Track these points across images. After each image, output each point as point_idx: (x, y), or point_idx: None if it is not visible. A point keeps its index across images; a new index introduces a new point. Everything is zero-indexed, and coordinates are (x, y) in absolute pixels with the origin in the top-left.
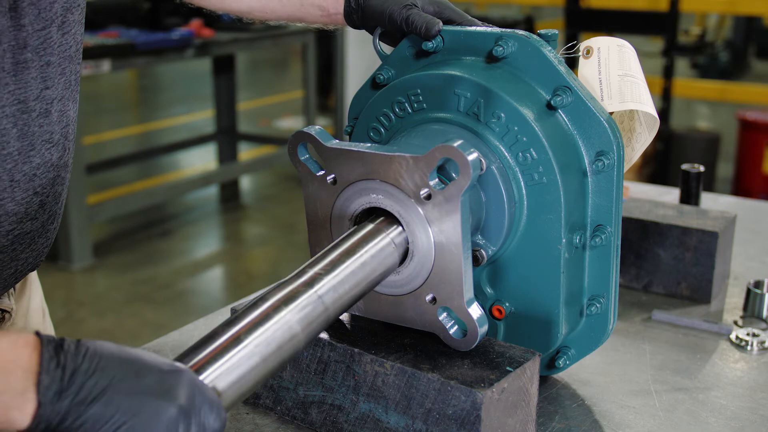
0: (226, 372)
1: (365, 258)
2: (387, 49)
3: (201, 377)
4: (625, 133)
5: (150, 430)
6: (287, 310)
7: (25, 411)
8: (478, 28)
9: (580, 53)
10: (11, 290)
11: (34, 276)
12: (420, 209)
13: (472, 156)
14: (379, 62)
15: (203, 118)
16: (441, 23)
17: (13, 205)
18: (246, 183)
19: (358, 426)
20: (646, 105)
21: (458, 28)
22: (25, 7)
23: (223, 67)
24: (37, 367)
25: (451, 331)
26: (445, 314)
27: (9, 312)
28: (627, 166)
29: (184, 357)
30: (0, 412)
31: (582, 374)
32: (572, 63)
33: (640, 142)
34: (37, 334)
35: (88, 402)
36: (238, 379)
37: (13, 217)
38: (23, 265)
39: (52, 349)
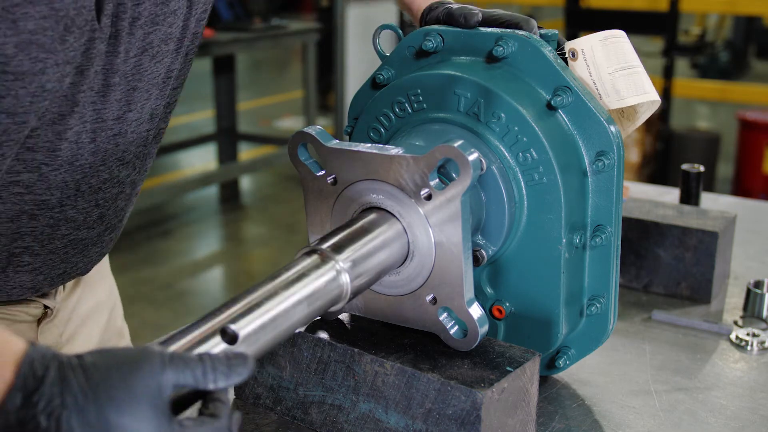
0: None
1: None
2: (387, 49)
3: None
4: (623, 115)
5: None
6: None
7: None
8: (479, 28)
9: (567, 56)
10: (60, 289)
11: (92, 281)
12: (420, 209)
13: (473, 156)
14: (379, 62)
15: (203, 118)
16: (481, 13)
17: (73, 213)
18: (246, 183)
19: (358, 426)
20: (647, 93)
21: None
22: (123, 36)
23: (223, 67)
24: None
25: (452, 331)
26: (445, 314)
27: (51, 309)
28: (624, 133)
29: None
30: None
31: (582, 374)
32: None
33: (640, 113)
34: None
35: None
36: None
37: (72, 223)
38: (73, 268)
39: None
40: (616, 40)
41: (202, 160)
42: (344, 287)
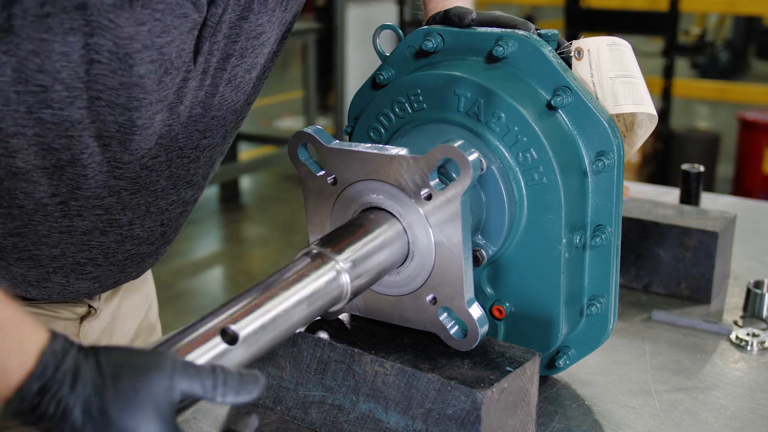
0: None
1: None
2: (387, 49)
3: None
4: (625, 121)
5: None
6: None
7: (23, 366)
8: (479, 29)
9: (572, 54)
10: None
11: (135, 283)
12: (420, 209)
13: (473, 156)
14: (379, 62)
15: None
16: (475, 13)
17: (140, 231)
18: (246, 183)
19: (358, 426)
20: (643, 105)
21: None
22: (211, 71)
23: None
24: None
25: (452, 332)
26: (445, 314)
27: (95, 309)
28: (625, 158)
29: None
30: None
31: (582, 374)
32: (570, 63)
33: (639, 133)
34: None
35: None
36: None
37: (137, 240)
38: (126, 277)
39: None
40: (622, 48)
41: None
42: (344, 287)
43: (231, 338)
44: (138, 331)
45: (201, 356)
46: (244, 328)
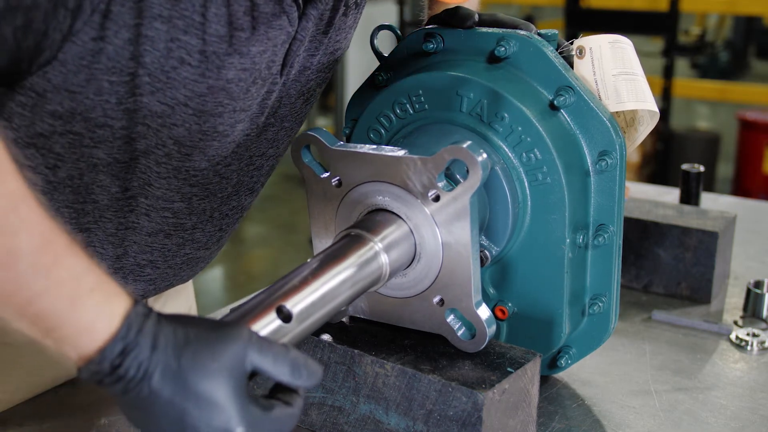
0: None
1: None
2: (385, 49)
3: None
4: (622, 122)
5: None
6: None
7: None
8: (479, 29)
9: (574, 53)
10: None
11: (180, 286)
12: (428, 210)
13: (482, 157)
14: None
15: None
16: (477, 15)
17: (200, 235)
18: None
19: (359, 427)
20: (646, 101)
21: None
22: (290, 83)
23: None
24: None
25: (459, 333)
26: (452, 316)
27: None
28: (627, 153)
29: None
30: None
31: (582, 374)
32: (571, 62)
33: (641, 129)
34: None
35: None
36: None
37: (196, 244)
38: (179, 280)
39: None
40: (624, 46)
41: None
42: (384, 268)
43: (286, 316)
44: None
45: (259, 332)
46: (297, 305)
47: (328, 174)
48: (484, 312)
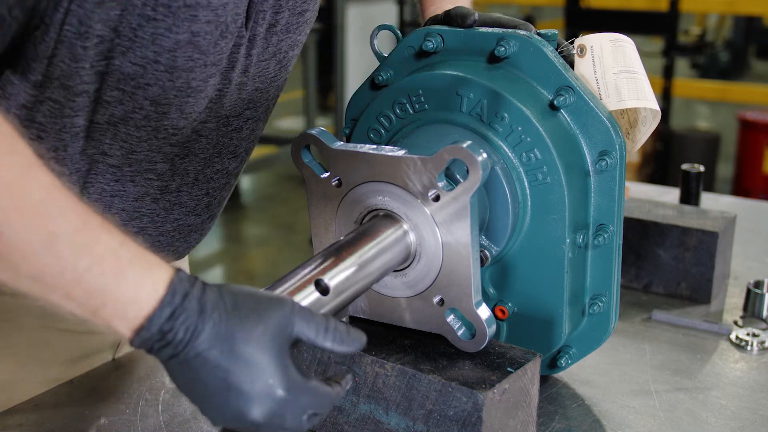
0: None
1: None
2: (385, 49)
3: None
4: (631, 115)
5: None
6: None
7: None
8: (479, 29)
9: (574, 51)
10: None
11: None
12: (428, 210)
13: (482, 157)
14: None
15: None
16: (477, 14)
17: (187, 199)
18: (246, 183)
19: (359, 427)
20: (647, 100)
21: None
22: (258, 41)
23: None
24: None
25: (459, 333)
26: (452, 316)
27: None
28: (629, 156)
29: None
30: (127, 292)
31: (582, 374)
32: (571, 62)
33: (643, 129)
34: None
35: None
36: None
37: (184, 209)
38: (173, 253)
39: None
40: (625, 44)
41: None
42: (411, 247)
43: (323, 289)
44: None
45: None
46: (333, 279)
47: (328, 174)
48: (484, 312)
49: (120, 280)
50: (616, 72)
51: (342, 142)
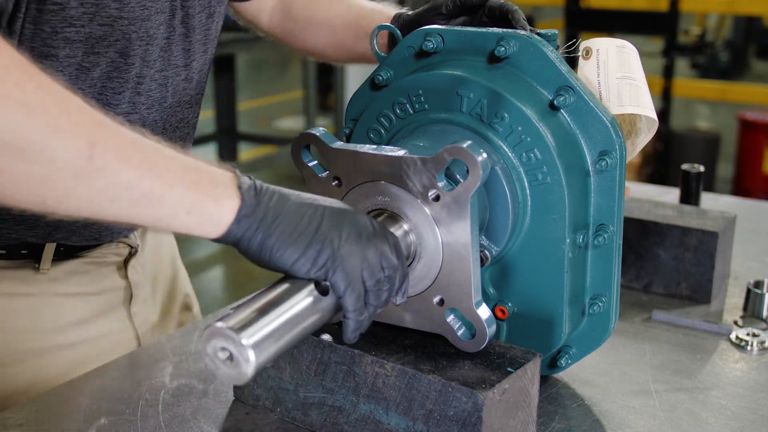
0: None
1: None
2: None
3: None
4: (626, 126)
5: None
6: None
7: (230, 206)
8: (479, 29)
9: (580, 54)
10: (136, 233)
11: None
12: (428, 210)
13: (482, 157)
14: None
15: (203, 118)
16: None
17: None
18: None
19: (359, 427)
20: (646, 108)
21: (459, 28)
22: None
23: (223, 67)
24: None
25: (459, 333)
26: (452, 316)
27: (135, 248)
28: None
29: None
30: (207, 205)
31: (582, 374)
32: (572, 63)
33: (640, 138)
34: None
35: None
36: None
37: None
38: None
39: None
40: (629, 52)
41: None
42: (411, 247)
43: (323, 289)
44: (173, 269)
45: (299, 303)
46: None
47: (328, 174)
48: (484, 312)
49: (200, 181)
50: (619, 77)
51: (342, 142)
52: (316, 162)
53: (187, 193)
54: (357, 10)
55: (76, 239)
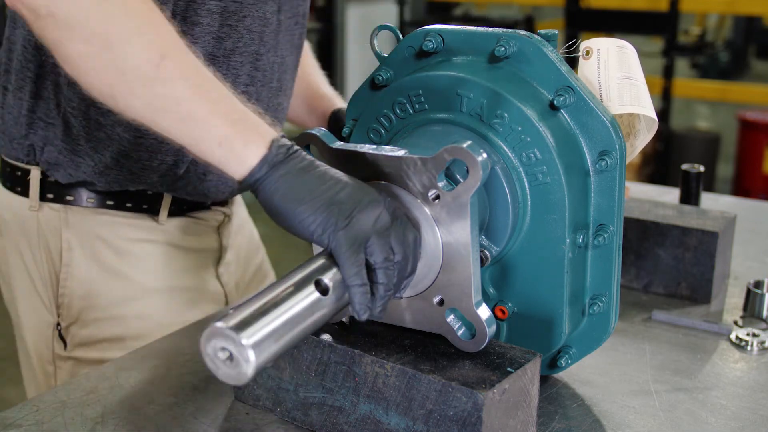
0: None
1: None
2: (385, 49)
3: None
4: (625, 128)
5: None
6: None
7: (256, 151)
8: (479, 29)
9: (580, 53)
10: (230, 201)
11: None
12: (428, 210)
13: (482, 157)
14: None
15: None
16: None
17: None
18: None
19: (359, 427)
20: (645, 108)
21: (459, 27)
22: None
23: None
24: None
25: (459, 333)
26: (452, 316)
27: (228, 216)
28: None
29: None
30: (239, 145)
31: (582, 374)
32: (572, 63)
33: (639, 139)
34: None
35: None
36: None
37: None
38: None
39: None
40: (629, 53)
41: None
42: None
43: (323, 289)
44: (254, 245)
45: (300, 302)
46: (333, 279)
47: None
48: (484, 312)
49: (245, 121)
50: (619, 77)
51: (341, 142)
52: None
53: (224, 127)
54: (313, 92)
55: (191, 190)
